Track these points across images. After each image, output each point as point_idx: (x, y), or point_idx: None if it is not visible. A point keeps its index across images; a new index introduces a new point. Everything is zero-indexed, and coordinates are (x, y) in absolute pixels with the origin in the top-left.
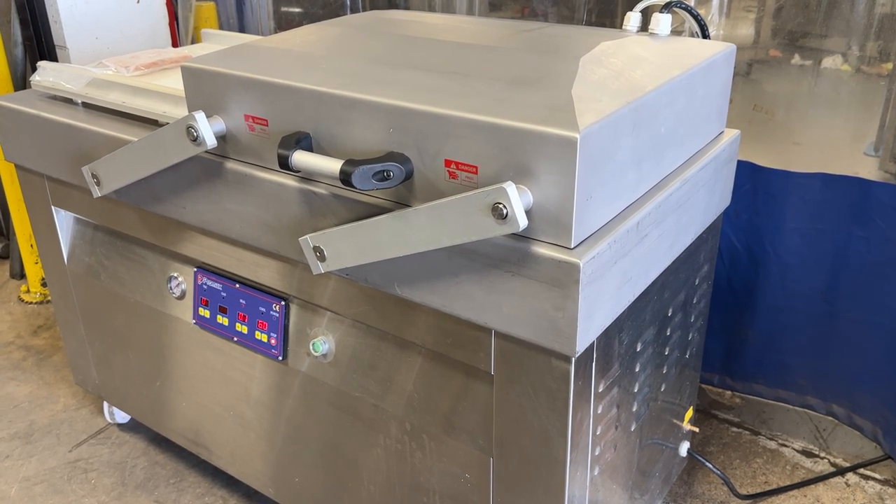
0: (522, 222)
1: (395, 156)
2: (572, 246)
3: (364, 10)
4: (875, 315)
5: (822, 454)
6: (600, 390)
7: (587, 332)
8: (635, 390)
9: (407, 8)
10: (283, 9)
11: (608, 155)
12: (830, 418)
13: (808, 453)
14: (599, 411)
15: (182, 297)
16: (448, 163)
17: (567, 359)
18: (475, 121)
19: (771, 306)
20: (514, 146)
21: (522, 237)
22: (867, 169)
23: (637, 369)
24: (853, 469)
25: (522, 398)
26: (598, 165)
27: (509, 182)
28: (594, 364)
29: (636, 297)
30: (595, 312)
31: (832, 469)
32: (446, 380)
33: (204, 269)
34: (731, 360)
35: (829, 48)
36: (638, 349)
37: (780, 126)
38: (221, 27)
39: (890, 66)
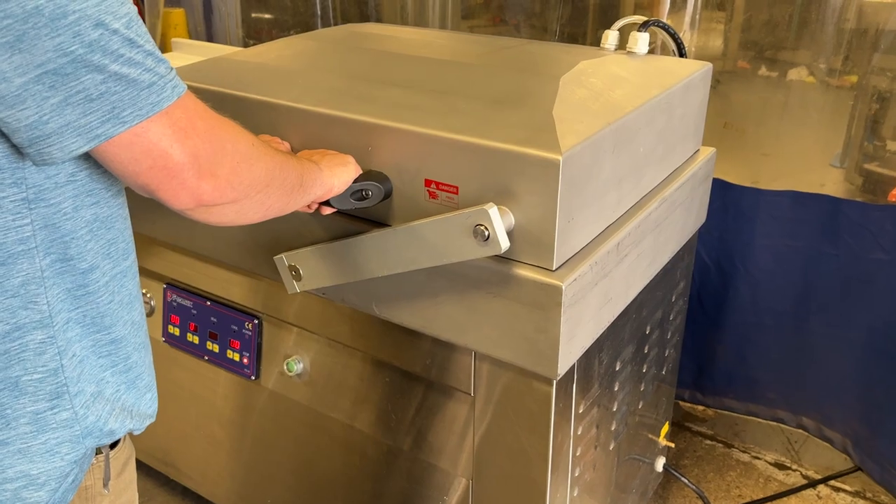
0: (504, 244)
1: (374, 174)
2: (554, 268)
3: (335, 18)
4: (843, 330)
5: (794, 466)
6: (580, 411)
7: (568, 354)
8: (614, 409)
9: (379, 17)
10: (254, 15)
11: (590, 176)
12: (802, 431)
13: (780, 466)
14: (580, 432)
15: (150, 314)
16: (428, 182)
17: (548, 381)
18: (456, 141)
19: (741, 322)
20: (496, 167)
21: (504, 259)
22: (833, 180)
23: (616, 388)
24: (824, 481)
25: (502, 420)
26: (579, 187)
27: (491, 204)
28: (575, 385)
29: (616, 316)
30: (576, 334)
31: (804, 481)
32: (424, 400)
33: (174, 285)
34: (702, 376)
35: (797, 61)
36: (617, 368)
37: (749, 138)
38: (189, 34)
39: (855, 78)
